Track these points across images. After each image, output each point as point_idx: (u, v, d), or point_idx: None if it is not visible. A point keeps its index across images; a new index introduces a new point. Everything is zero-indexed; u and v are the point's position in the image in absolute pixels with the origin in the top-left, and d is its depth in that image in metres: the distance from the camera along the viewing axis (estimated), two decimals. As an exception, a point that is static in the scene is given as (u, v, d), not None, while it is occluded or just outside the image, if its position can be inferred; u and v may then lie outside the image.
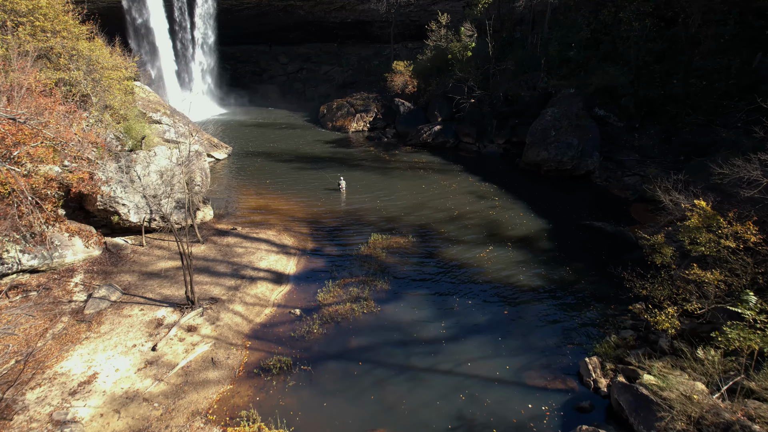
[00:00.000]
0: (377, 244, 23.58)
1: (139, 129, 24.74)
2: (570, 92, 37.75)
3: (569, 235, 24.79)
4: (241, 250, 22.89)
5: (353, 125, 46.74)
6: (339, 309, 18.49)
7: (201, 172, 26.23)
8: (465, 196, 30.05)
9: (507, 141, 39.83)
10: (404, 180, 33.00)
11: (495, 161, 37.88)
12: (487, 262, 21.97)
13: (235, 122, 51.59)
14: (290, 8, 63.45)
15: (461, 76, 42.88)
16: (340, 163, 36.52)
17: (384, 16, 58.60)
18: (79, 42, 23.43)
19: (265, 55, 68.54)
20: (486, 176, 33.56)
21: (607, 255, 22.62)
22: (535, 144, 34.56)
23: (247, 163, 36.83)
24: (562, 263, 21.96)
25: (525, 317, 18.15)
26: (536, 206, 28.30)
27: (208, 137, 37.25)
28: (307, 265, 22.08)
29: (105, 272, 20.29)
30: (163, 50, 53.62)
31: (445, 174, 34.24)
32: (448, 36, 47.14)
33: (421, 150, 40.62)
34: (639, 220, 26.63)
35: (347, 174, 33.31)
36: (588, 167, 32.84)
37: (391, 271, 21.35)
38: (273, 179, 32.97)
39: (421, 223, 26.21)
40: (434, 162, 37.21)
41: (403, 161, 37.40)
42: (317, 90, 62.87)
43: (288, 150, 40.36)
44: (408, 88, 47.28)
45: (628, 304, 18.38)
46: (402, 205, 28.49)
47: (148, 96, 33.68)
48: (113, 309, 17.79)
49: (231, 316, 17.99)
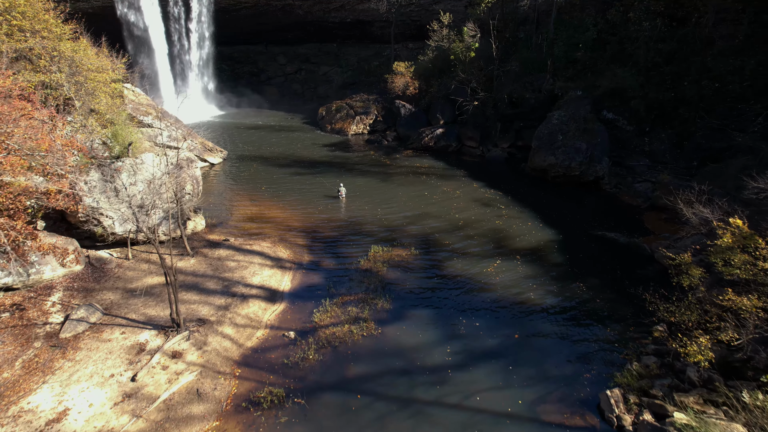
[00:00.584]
0: (378, 257, 22.13)
1: (126, 135, 23.26)
2: (577, 94, 36.30)
3: (581, 247, 23.34)
4: (233, 264, 21.43)
5: (353, 128, 45.28)
6: (336, 331, 17.04)
7: (192, 180, 24.76)
8: (469, 203, 28.59)
9: (512, 145, 38.37)
10: (406, 186, 31.53)
11: (499, 166, 36.42)
12: (494, 278, 20.52)
13: (232, 124, 50.13)
14: (288, 8, 62.01)
15: (464, 77, 41.43)
16: (339, 168, 35.07)
17: (384, 15, 57.14)
18: (61, 42, 21.95)
19: (263, 55, 67.07)
20: (491, 182, 32.10)
21: (621, 269, 21.17)
22: (542, 149, 33.10)
23: (243, 167, 35.37)
24: (575, 279, 20.51)
25: (537, 341, 16.70)
26: (544, 215, 26.85)
27: (202, 141, 35.79)
28: (303, 281, 20.62)
29: (86, 290, 18.83)
30: (159, 51, 52.15)
31: (448, 180, 32.78)
32: (450, 36, 45.67)
33: (422, 154, 39.16)
34: (653, 229, 25.18)
35: (346, 179, 31.88)
36: (597, 173, 31.39)
37: (392, 287, 19.90)
38: (269, 185, 31.50)
39: (423, 233, 24.76)
40: (437, 167, 35.75)
41: (405, 166, 35.94)
42: (316, 91, 61.43)
43: (285, 154, 38.90)
44: (409, 90, 45.82)
45: (648, 325, 17.03)
46: (404, 214, 27.03)
47: (138, 99, 32.20)
48: (92, 332, 16.33)
49: (220, 340, 16.54)
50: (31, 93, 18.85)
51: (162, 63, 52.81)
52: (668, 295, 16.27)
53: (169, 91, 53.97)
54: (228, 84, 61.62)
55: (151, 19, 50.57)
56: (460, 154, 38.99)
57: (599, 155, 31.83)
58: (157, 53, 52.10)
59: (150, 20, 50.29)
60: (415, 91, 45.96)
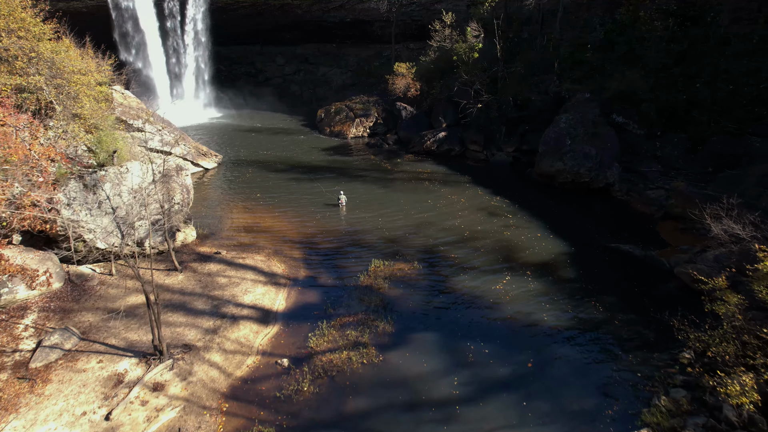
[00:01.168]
0: (379, 273, 20.62)
1: (111, 141, 21.72)
2: (585, 97, 34.75)
3: (594, 261, 21.82)
4: (223, 281, 19.91)
5: (352, 131, 43.74)
6: (334, 358, 15.54)
7: (182, 189, 23.23)
8: (475, 212, 27.08)
9: (517, 149, 36.82)
10: (408, 193, 29.99)
11: (505, 171, 34.89)
12: (504, 296, 19.00)
13: (229, 127, 48.59)
14: (287, 7, 60.47)
15: (467, 79, 39.87)
16: (338, 173, 33.54)
17: (384, 15, 55.57)
18: (40, 43, 20.39)
19: (261, 56, 65.48)
20: (496, 189, 30.57)
21: (639, 286, 19.66)
22: (549, 153, 31.57)
23: (238, 173, 33.85)
24: (590, 297, 19.00)
25: (553, 370, 15.19)
26: (554, 225, 25.33)
27: (196, 145, 34.25)
28: (299, 299, 19.10)
29: (64, 310, 17.32)
30: (154, 52, 50.58)
31: (451, 186, 31.25)
32: (452, 36, 44.11)
33: (425, 158, 37.63)
34: (669, 241, 23.66)
35: (346, 186, 30.37)
36: (607, 179, 29.86)
37: (394, 307, 18.39)
38: (264, 192, 29.97)
39: (427, 245, 23.24)
40: (439, 172, 34.22)
41: (406, 171, 34.41)
42: (315, 92, 59.87)
43: (282, 158, 37.37)
44: (410, 92, 44.28)
45: (673, 349, 15.57)
46: (406, 224, 25.52)
47: (128, 102, 30.66)
48: (66, 360, 14.82)
49: (207, 369, 15.04)
50: (4, 98, 17.33)
51: (157, 64, 51.25)
52: (698, 321, 14.77)
53: (165, 92, 52.43)
54: (225, 85, 60.06)
55: (146, 18, 48.98)
56: (464, 159, 37.46)
57: (609, 161, 30.31)
58: (152, 54, 50.53)
59: (144, 20, 48.70)
60: (417, 93, 44.42)
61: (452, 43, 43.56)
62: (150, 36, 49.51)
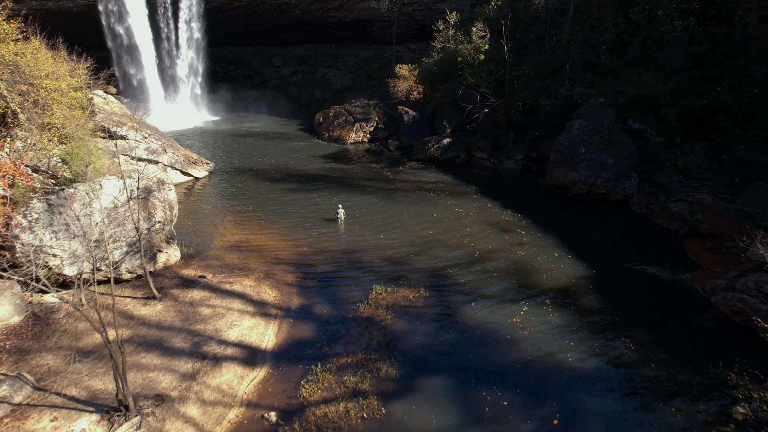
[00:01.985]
0: (380, 301, 18.33)
1: (84, 153, 19.43)
2: (599, 102, 32.46)
3: (618, 287, 19.55)
4: (207, 312, 17.62)
5: (352, 136, 41.43)
6: (329, 412, 13.25)
7: (164, 205, 20.92)
8: (485, 228, 24.79)
9: (526, 156, 34.55)
10: (411, 206, 27.70)
11: (513, 181, 32.60)
12: (522, 330, 16.72)
13: (223, 131, 46.27)
14: (285, 7, 58.21)
15: (473, 81, 37.58)
16: (337, 183, 31.24)
17: (385, 15, 53.25)
18: (1, 44, 18.09)
19: (258, 57, 63.17)
20: (506, 201, 28.28)
21: (673, 318, 17.39)
22: (562, 163, 29.27)
23: (230, 182, 31.54)
24: (619, 332, 16.72)
25: (584, 428, 12.91)
26: (571, 242, 23.06)
27: (186, 153, 31.93)
28: (291, 334, 16.81)
29: (20, 351, 15.03)
30: (146, 53, 48.23)
31: (458, 198, 28.95)
32: (457, 37, 41.78)
33: (428, 166, 35.34)
34: (699, 262, 21.40)
35: (345, 197, 28.14)
36: (625, 191, 27.59)
37: (399, 344, 16.10)
38: (257, 205, 27.68)
39: (434, 267, 20.95)
40: (445, 182, 31.93)
41: (409, 181, 32.11)
42: (313, 95, 57.56)
43: (278, 166, 35.06)
44: (413, 95, 41.98)
45: (723, 400, 13.31)
46: (410, 242, 23.24)
47: (111, 107, 28.35)
48: (13, 419, 12.53)
49: (181, 427, 12.74)
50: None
51: (150, 66, 48.92)
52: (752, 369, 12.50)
53: (159, 95, 50.12)
54: (221, 87, 57.75)
55: (137, 18, 46.64)
56: (470, 167, 35.17)
57: (627, 171, 28.03)
58: (144, 55, 48.19)
59: (134, 19, 46.36)
60: (419, 96, 42.13)
61: (457, 45, 41.25)
62: (141, 36, 47.16)
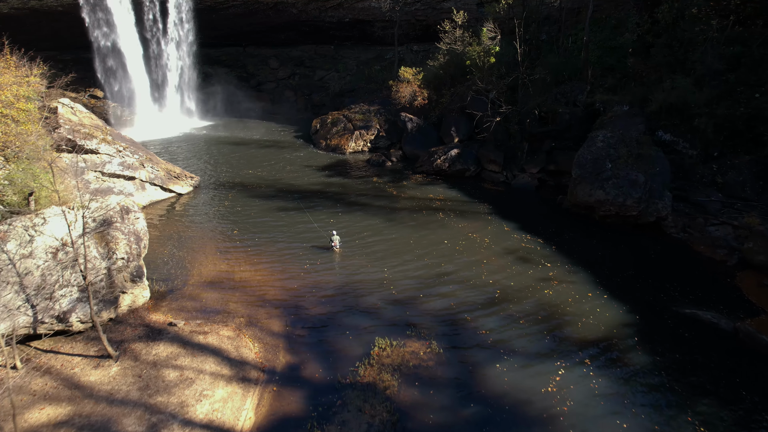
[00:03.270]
0: (384, 359, 14.92)
1: (27, 178, 15.97)
2: (624, 110, 29.04)
3: (670, 338, 16.13)
4: (173, 376, 14.17)
5: (351, 145, 37.97)
6: None
7: (129, 237, 17.46)
8: (503, 257, 21.35)
9: (542, 169, 31.09)
10: (418, 230, 24.24)
11: (530, 197, 29.15)
12: (561, 404, 13.28)
13: (214, 138, 42.79)
14: (281, 6, 54.66)
15: (482, 86, 34.11)
16: (334, 201, 27.79)
17: (387, 15, 49.72)
18: None
19: (254, 58, 59.63)
20: (524, 223, 24.86)
21: (744, 384, 13.98)
22: (586, 179, 25.82)
23: (216, 199, 28.09)
24: (682, 406, 13.29)
25: None
26: (604, 277, 19.66)
27: (167, 167, 28.45)
28: (274, 408, 13.37)
29: (-74, 442, 11.59)
30: (132, 55, 44.65)
31: (470, 219, 25.49)
32: (464, 38, 38.28)
33: (435, 180, 31.87)
34: (759, 303, 17.98)
35: (343, 219, 24.73)
36: (659, 213, 24.15)
37: (409, 424, 12.67)
38: (244, 227, 24.24)
39: (447, 311, 17.52)
40: (454, 199, 28.47)
41: (415, 198, 28.64)
42: (310, 99, 54.09)
43: (270, 180, 31.60)
44: (417, 101, 38.51)
45: None
46: (418, 276, 19.80)
47: (80, 118, 24.87)
48: None
49: None
50: None
51: (136, 69, 45.36)
52: None
53: (146, 100, 46.56)
54: (214, 91, 54.25)
55: (122, 17, 43.08)
56: (480, 181, 31.70)
57: (660, 189, 24.59)
58: (130, 57, 44.63)
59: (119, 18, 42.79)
60: (424, 102, 38.66)
61: (464, 46, 37.75)
62: (127, 37, 43.60)
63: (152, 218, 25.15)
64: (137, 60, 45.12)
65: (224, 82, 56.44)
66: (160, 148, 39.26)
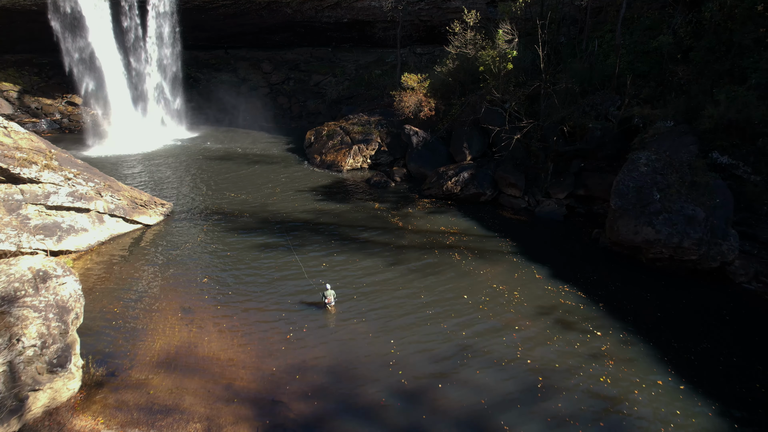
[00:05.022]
0: (393, 506, 10.23)
1: None
2: (668, 126, 24.32)
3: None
4: None
5: (349, 161, 33.23)
6: None
7: (46, 313, 12.69)
8: (539, 321, 16.64)
9: (570, 194, 26.40)
10: (430, 277, 19.48)
11: (558, 229, 24.45)
12: None
13: (198, 152, 38.02)
14: (274, 6, 49.86)
15: (498, 96, 29.38)
16: (328, 236, 23.07)
17: (388, 15, 44.87)
18: None
19: (246, 61, 54.82)
20: (557, 267, 20.17)
21: None
22: (629, 212, 21.13)
23: (188, 233, 23.34)
24: None
25: None
26: (672, 353, 15.00)
27: (132, 194, 23.69)
28: None
29: None
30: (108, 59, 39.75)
31: (492, 262, 20.76)
32: (476, 41, 33.52)
33: (445, 206, 27.13)
34: None
35: (338, 261, 20.07)
36: (724, 256, 19.46)
37: None
38: (216, 273, 19.51)
39: (476, 412, 12.79)
40: (470, 232, 23.73)
41: (424, 231, 23.90)
42: (306, 106, 49.34)
43: (254, 206, 26.85)
44: (423, 112, 33.76)
45: None
46: (433, 351, 15.09)
47: (17, 140, 20.09)
48: None
49: None
50: None
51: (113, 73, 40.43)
52: None
53: (124, 110, 41.62)
54: (202, 96, 49.51)
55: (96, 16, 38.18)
56: (498, 207, 26.98)
57: (723, 226, 19.89)
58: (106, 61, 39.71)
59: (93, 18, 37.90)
60: (431, 113, 33.90)
61: (476, 50, 33.00)
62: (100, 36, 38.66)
63: (107, 260, 20.43)
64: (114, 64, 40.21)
65: (214, 87, 51.64)
66: (136, 163, 34.52)
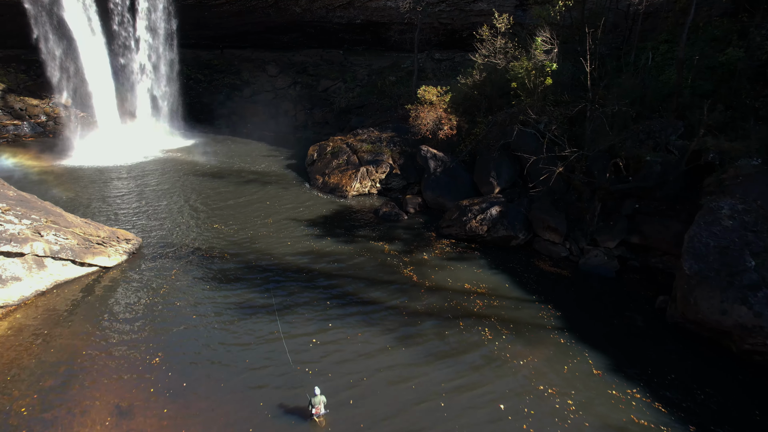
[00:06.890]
0: None
1: None
2: (754, 165, 19.06)
3: None
4: None
5: (355, 185, 28.33)
6: None
7: None
8: (607, 457, 11.63)
9: (622, 242, 21.20)
10: (450, 366, 14.49)
11: (610, 291, 19.28)
12: None
13: (187, 167, 33.42)
14: (282, 4, 45.17)
15: (535, 118, 24.27)
16: (323, 293, 18.20)
17: (406, 17, 39.80)
18: None
19: (250, 63, 50.17)
20: (619, 355, 15.08)
21: None
22: (709, 280, 15.98)
23: (153, 280, 18.64)
24: None
25: None
26: None
27: (86, 231, 19.05)
28: None
29: None
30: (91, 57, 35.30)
31: (533, 342, 15.69)
32: (507, 49, 28.38)
33: (468, 250, 22.08)
34: None
35: (333, 335, 15.25)
36: None
37: None
38: (173, 349, 14.74)
39: None
40: (502, 293, 18.67)
41: (444, 289, 18.85)
42: (312, 114, 44.56)
43: (238, 242, 22.09)
44: (443, 130, 28.69)
45: None
46: None
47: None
48: None
49: None
50: None
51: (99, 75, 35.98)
52: None
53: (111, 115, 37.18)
54: (202, 102, 44.95)
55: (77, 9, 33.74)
56: (533, 255, 21.86)
57: None
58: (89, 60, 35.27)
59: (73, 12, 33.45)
60: (452, 132, 28.84)
61: (507, 60, 27.86)
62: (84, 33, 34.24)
63: (40, 320, 15.82)
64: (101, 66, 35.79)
65: (214, 90, 47.07)
66: (113, 178, 30.06)
